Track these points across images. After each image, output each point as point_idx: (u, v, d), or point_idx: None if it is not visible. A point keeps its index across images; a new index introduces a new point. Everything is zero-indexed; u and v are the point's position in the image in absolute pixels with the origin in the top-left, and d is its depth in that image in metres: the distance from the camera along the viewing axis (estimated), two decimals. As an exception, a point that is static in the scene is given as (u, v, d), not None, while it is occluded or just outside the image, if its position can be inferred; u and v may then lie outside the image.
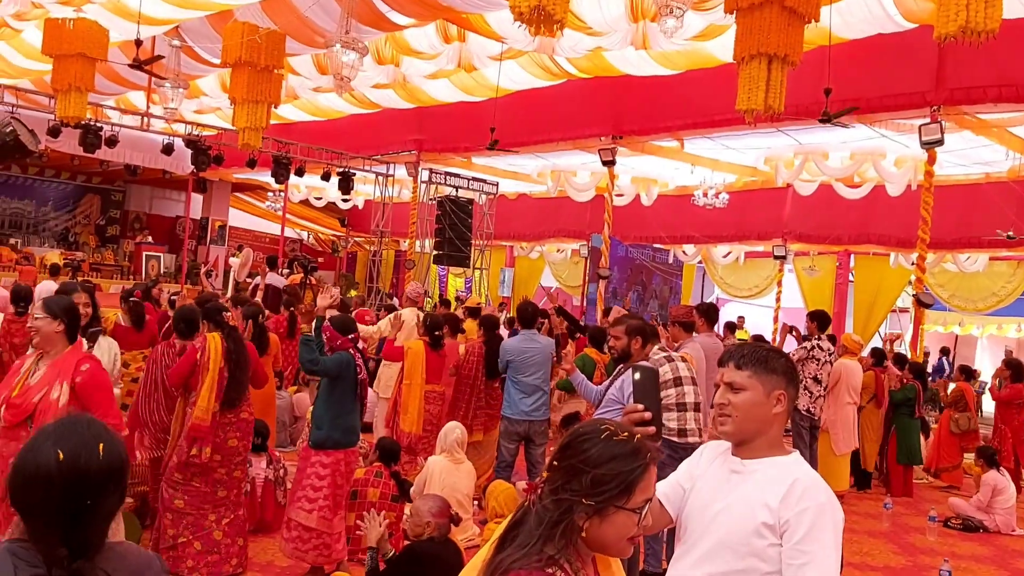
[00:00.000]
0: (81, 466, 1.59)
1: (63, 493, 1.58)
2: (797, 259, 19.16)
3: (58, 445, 1.61)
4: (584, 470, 1.64)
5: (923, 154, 10.71)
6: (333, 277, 23.18)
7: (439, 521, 4.25)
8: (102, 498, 1.62)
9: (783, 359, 2.28)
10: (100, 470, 1.61)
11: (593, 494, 1.63)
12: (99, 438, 1.65)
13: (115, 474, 1.65)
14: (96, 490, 1.61)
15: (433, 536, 4.24)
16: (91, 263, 20.11)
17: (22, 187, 21.52)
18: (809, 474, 2.17)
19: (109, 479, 1.63)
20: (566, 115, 13.64)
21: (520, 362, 6.85)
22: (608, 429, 1.70)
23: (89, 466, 1.60)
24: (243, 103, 10.54)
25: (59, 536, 1.58)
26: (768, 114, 7.47)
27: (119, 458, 1.67)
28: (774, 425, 2.25)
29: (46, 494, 1.58)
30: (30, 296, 7.03)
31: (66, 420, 1.70)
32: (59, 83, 10.66)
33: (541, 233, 20.88)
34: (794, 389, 2.28)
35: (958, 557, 7.27)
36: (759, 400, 2.22)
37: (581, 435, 1.71)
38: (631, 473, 1.66)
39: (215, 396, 5.15)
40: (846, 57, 9.58)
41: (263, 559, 5.70)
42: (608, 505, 1.64)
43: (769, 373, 2.23)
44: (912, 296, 10.88)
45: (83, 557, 1.59)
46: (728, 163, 15.54)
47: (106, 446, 1.64)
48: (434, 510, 4.29)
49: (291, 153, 16.63)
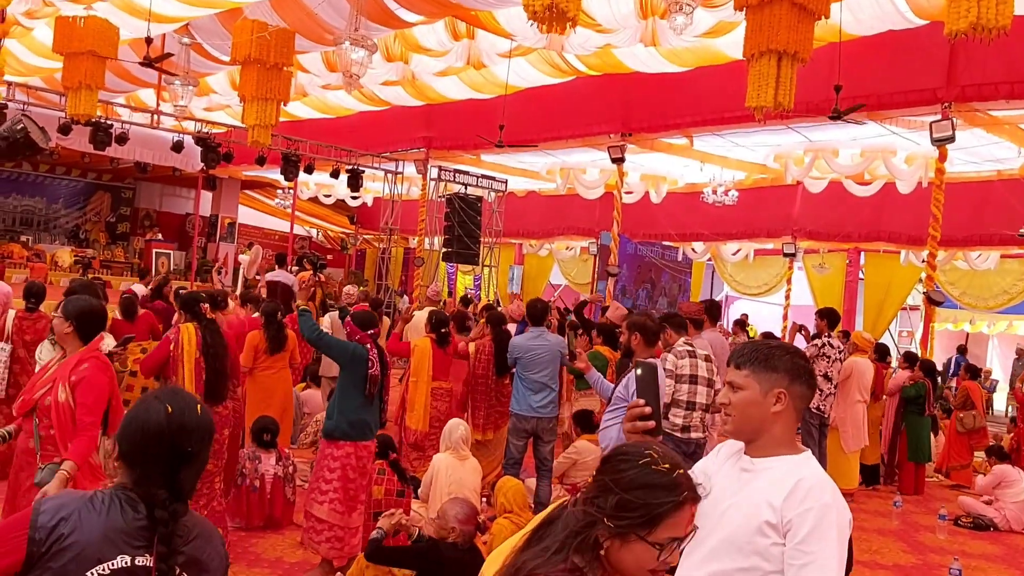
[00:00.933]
0: (186, 419, 1.90)
1: (171, 440, 1.87)
2: (807, 256, 19.10)
3: (166, 402, 1.91)
4: (613, 490, 1.62)
5: (934, 151, 10.66)
6: (342, 274, 23.21)
7: (464, 528, 4.22)
8: (200, 449, 1.92)
9: (789, 356, 2.23)
10: (200, 424, 1.93)
11: (615, 516, 1.61)
12: (196, 400, 1.98)
13: (209, 430, 1.97)
14: (196, 441, 1.91)
15: (457, 542, 4.22)
16: (101, 260, 20.20)
17: (33, 184, 21.61)
18: (815, 473, 2.15)
19: (206, 432, 1.95)
20: (575, 112, 13.63)
21: (528, 359, 6.83)
22: (650, 456, 1.66)
23: (192, 419, 1.91)
24: (252, 100, 10.57)
25: (160, 482, 1.85)
26: (778, 111, 7.46)
27: (210, 418, 1.99)
28: (777, 424, 2.20)
29: (158, 441, 1.86)
30: (42, 293, 7.07)
31: (166, 388, 2.06)
32: (70, 81, 10.71)
33: (550, 230, 20.87)
34: (802, 387, 2.21)
35: (968, 556, 7.24)
36: (755, 399, 2.21)
37: (622, 454, 1.69)
38: (660, 506, 1.62)
39: (196, 388, 5.22)
40: (856, 54, 9.54)
41: (272, 555, 5.72)
42: (629, 532, 1.61)
43: (768, 371, 2.20)
44: (923, 294, 10.83)
45: (179, 500, 1.87)
46: (737, 160, 15.51)
47: (202, 407, 1.97)
48: (460, 516, 4.24)
49: (300, 150, 16.65)
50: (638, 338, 5.19)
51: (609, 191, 16.18)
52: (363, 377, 5.31)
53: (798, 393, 2.21)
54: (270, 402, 7.20)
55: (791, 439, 2.24)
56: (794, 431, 2.26)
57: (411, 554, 4.29)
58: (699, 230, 18.23)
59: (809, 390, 2.24)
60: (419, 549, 4.28)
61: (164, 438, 1.87)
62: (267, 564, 5.54)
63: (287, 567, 5.52)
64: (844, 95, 8.90)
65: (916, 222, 13.48)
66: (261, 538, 6.04)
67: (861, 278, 18.97)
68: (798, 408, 2.22)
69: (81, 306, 3.88)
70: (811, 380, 2.24)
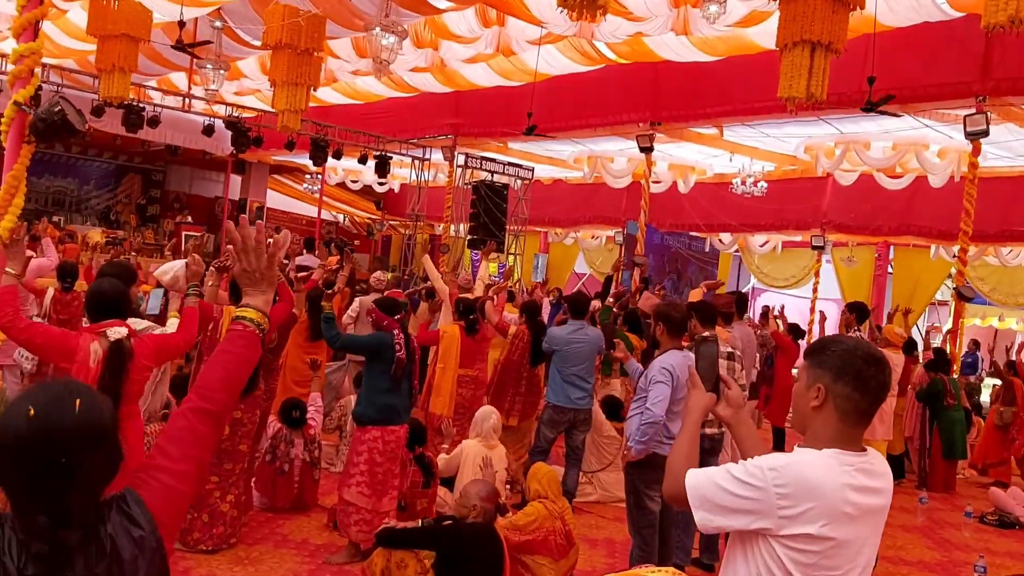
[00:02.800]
0: (53, 421, 1.46)
1: (34, 451, 1.45)
2: (835, 249, 18.94)
3: (30, 402, 1.49)
4: None
5: (967, 145, 10.53)
6: (368, 260, 23.30)
7: (486, 506, 4.28)
8: (80, 458, 1.47)
9: (841, 353, 2.11)
10: (75, 426, 1.47)
11: None
12: (77, 394, 1.51)
13: (95, 432, 1.50)
14: (71, 448, 1.46)
15: (477, 520, 4.28)
16: (131, 242, 20.41)
17: (65, 165, 21.84)
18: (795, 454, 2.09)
19: (86, 437, 1.48)
20: (604, 101, 13.57)
21: (568, 352, 6.83)
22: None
23: (62, 421, 1.47)
24: (283, 85, 10.62)
25: (38, 505, 1.46)
26: (810, 102, 7.39)
27: (100, 416, 1.52)
28: (816, 420, 2.12)
29: (17, 454, 1.45)
30: (76, 272, 7.18)
31: (46, 382, 1.59)
32: (103, 63, 10.81)
33: (576, 219, 20.82)
34: (846, 387, 2.08)
35: (993, 553, 7.19)
36: (800, 391, 2.18)
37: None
38: None
39: None
40: (891, 45, 9.44)
41: (298, 536, 5.78)
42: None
43: (815, 365, 2.14)
44: (952, 289, 10.72)
45: (63, 526, 1.46)
46: (767, 151, 15.39)
47: (84, 402, 1.50)
48: (483, 494, 4.31)
49: (329, 136, 16.72)
50: (662, 328, 5.20)
51: (636, 180, 16.12)
52: (390, 362, 5.36)
53: (841, 392, 2.09)
54: (305, 387, 7.27)
55: (838, 438, 2.11)
56: (843, 432, 2.11)
57: (425, 532, 4.34)
58: (727, 221, 18.11)
59: (856, 392, 2.09)
60: (437, 530, 4.33)
61: (25, 449, 1.45)
62: (293, 545, 5.61)
63: (312, 548, 5.58)
64: (877, 87, 8.81)
65: (947, 216, 13.33)
66: (288, 519, 6.12)
67: (890, 272, 18.80)
68: (841, 408, 2.10)
69: (92, 288, 3.99)
70: (861, 382, 2.08)
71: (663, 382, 4.93)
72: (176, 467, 1.68)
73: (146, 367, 3.89)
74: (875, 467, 2.15)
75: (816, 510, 2.00)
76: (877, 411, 2.18)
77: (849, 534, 2.05)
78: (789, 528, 2.01)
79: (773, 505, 2.00)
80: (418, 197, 18.72)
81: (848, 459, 2.08)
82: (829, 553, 2.03)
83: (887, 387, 2.14)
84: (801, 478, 2.02)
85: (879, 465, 2.17)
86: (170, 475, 1.67)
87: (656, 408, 4.88)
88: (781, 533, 2.02)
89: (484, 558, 4.22)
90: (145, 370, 3.88)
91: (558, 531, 4.81)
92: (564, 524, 4.90)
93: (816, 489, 2.00)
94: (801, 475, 2.02)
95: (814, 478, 2.01)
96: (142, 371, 3.86)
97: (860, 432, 2.16)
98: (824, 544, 2.02)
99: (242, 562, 5.18)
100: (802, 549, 2.02)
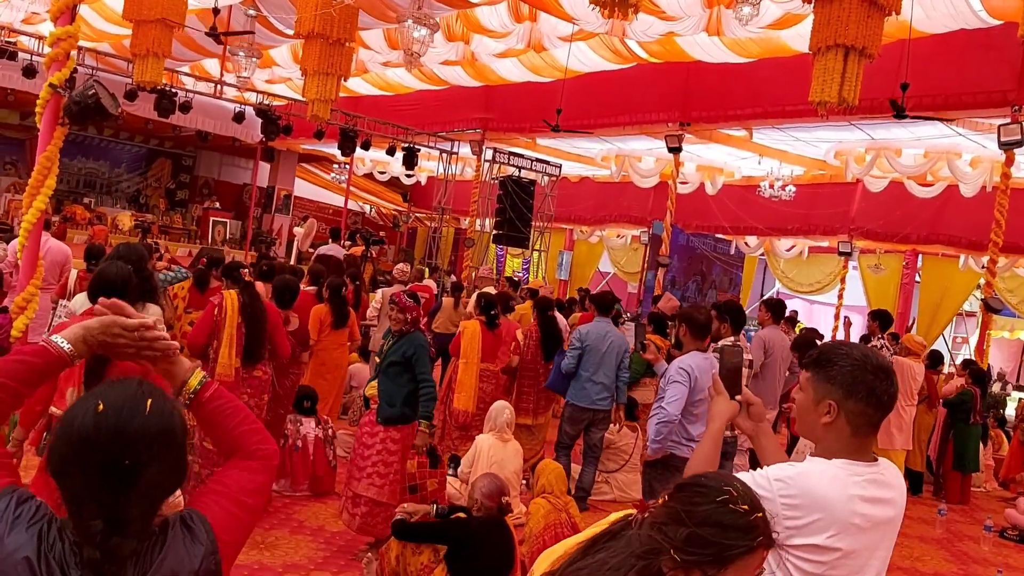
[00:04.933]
0: (122, 420, 1.41)
1: (99, 449, 1.39)
2: (863, 256, 18.77)
3: (101, 397, 1.43)
4: (684, 522, 1.52)
5: (1000, 155, 10.40)
6: (393, 252, 23.39)
7: (487, 504, 4.31)
8: (144, 461, 1.40)
9: (852, 368, 2.06)
10: (143, 427, 1.42)
11: (683, 550, 1.50)
12: (149, 395, 1.46)
13: (164, 436, 1.44)
14: (136, 451, 1.40)
15: (479, 515, 4.31)
16: (160, 226, 20.62)
17: (97, 148, 22.09)
18: (804, 464, 2.07)
19: (154, 440, 1.42)
20: (634, 99, 13.54)
21: (596, 350, 6.84)
22: (729, 493, 1.56)
23: (132, 421, 1.41)
24: (314, 75, 10.68)
25: (95, 508, 1.39)
26: (841, 107, 7.34)
27: (170, 420, 1.46)
28: (828, 435, 2.08)
29: (81, 450, 1.39)
30: (103, 254, 7.25)
31: (121, 378, 1.52)
32: (138, 48, 10.91)
33: (602, 218, 20.79)
34: (859, 403, 2.04)
35: (1012, 569, 7.11)
36: (807, 405, 2.13)
37: (699, 486, 1.59)
38: (731, 548, 1.51)
39: (236, 352, 5.35)
40: (925, 52, 9.33)
41: (314, 523, 5.82)
42: (695, 568, 1.51)
43: (823, 380, 2.09)
44: (980, 300, 10.60)
45: (118, 533, 1.39)
46: (797, 155, 15.29)
47: (156, 404, 1.45)
48: (485, 491, 4.33)
49: (358, 126, 16.79)
50: (685, 329, 5.19)
51: (664, 180, 16.07)
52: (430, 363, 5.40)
53: (853, 409, 2.05)
54: (328, 376, 7.29)
55: (849, 449, 2.08)
56: (854, 443, 2.08)
57: (438, 529, 4.40)
58: (754, 224, 18.01)
59: (869, 408, 2.05)
60: (446, 524, 4.39)
61: (91, 446, 1.39)
62: (309, 532, 5.65)
63: (328, 536, 5.61)
64: (911, 93, 8.72)
65: (977, 226, 13.18)
66: (304, 506, 6.16)
67: (917, 281, 18.61)
68: (854, 424, 2.06)
69: (97, 270, 4.01)
70: (873, 398, 2.04)
71: (680, 382, 4.92)
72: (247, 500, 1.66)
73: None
74: (886, 478, 2.12)
75: (823, 521, 1.98)
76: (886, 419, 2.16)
77: (858, 544, 2.03)
78: (796, 538, 2.00)
79: (779, 515, 1.97)
80: (445, 190, 18.76)
81: (858, 469, 2.07)
82: (837, 564, 2.02)
83: (896, 397, 2.11)
84: (808, 489, 2.00)
85: (890, 476, 2.15)
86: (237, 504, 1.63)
87: (671, 407, 4.87)
88: (788, 543, 2.01)
89: (493, 551, 4.27)
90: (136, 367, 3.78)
91: (563, 523, 4.90)
92: (569, 516, 4.97)
93: (823, 499, 1.99)
94: (809, 486, 2.01)
95: (822, 489, 1.99)
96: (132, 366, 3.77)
97: (871, 442, 2.15)
98: (832, 555, 2.01)
99: (258, 547, 5.22)
100: (810, 559, 2.01)
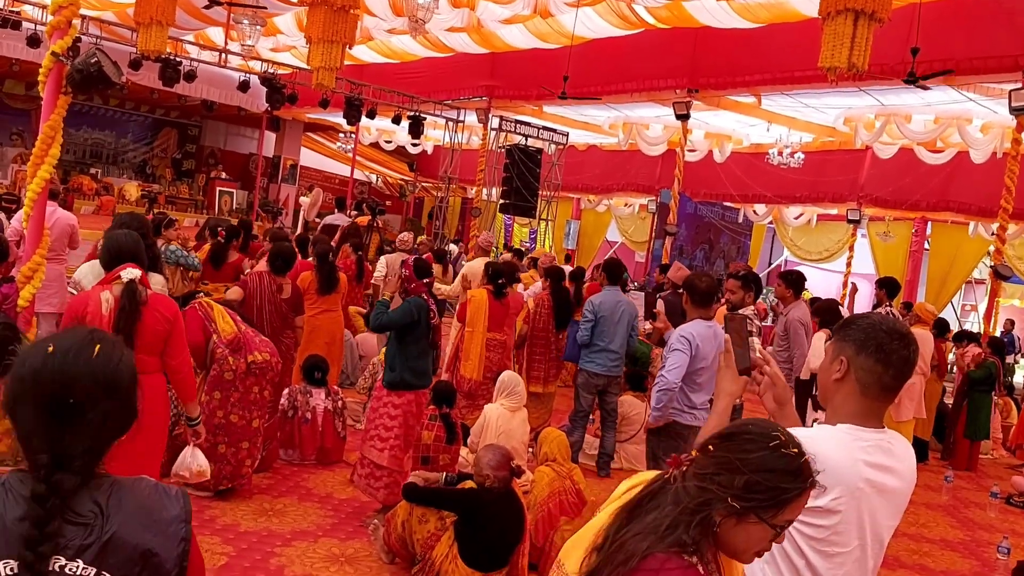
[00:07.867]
0: (68, 361, 1.48)
1: (45, 388, 1.46)
2: (871, 224, 18.68)
3: (54, 341, 1.52)
4: (740, 470, 1.57)
5: (1011, 120, 10.29)
6: (400, 221, 23.35)
7: (498, 474, 4.33)
8: (87, 401, 1.47)
9: (867, 327, 2.11)
10: (89, 371, 1.48)
11: (741, 497, 1.56)
12: (99, 342, 1.53)
13: (108, 381, 1.50)
14: (81, 391, 1.47)
15: (493, 487, 4.33)
16: (167, 196, 20.61)
17: (103, 118, 22.02)
18: (810, 431, 2.09)
19: (98, 383, 1.49)
20: (641, 66, 13.41)
21: (609, 319, 6.91)
22: (778, 439, 1.61)
23: (77, 362, 1.48)
24: (318, 43, 10.59)
25: (41, 443, 1.46)
26: (851, 73, 7.26)
27: (116, 367, 1.52)
28: (838, 394, 2.13)
29: (30, 388, 1.46)
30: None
31: (75, 327, 1.62)
32: (141, 16, 10.86)
33: (610, 186, 20.69)
34: (868, 360, 2.08)
35: (1017, 535, 7.13)
36: (825, 364, 2.18)
37: (748, 433, 1.63)
38: (786, 492, 1.58)
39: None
40: (936, 16, 9.22)
41: (322, 491, 5.86)
42: (751, 513, 1.57)
43: (840, 339, 2.15)
44: (990, 267, 10.54)
45: (61, 469, 1.44)
46: (806, 122, 15.17)
47: (104, 350, 1.52)
48: (493, 463, 4.35)
49: (363, 95, 16.69)
50: (687, 297, 5.19)
51: (671, 148, 15.97)
52: (427, 327, 5.41)
53: (863, 365, 2.09)
54: (316, 341, 7.30)
55: (858, 412, 2.11)
56: (864, 405, 2.11)
57: (450, 497, 4.45)
58: (762, 192, 17.90)
59: (879, 365, 2.08)
60: (457, 493, 4.43)
61: (38, 384, 1.46)
62: (317, 499, 5.69)
63: (336, 503, 5.65)
64: (921, 58, 8.62)
65: (987, 193, 13.10)
66: (312, 473, 6.20)
67: (926, 248, 18.53)
68: (862, 382, 2.09)
69: (107, 237, 4.06)
70: (883, 355, 2.07)
71: (680, 350, 4.93)
72: None
73: (164, 318, 3.82)
74: (894, 449, 2.13)
75: (828, 482, 1.97)
76: (902, 388, 2.15)
77: (862, 510, 2.04)
78: None
79: None
80: (451, 159, 18.68)
81: (864, 434, 2.08)
82: (840, 529, 2.03)
83: (911, 363, 2.11)
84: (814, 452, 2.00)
85: (899, 448, 2.15)
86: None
87: (671, 375, 4.89)
88: None
89: (503, 521, 4.31)
90: (163, 322, 3.81)
91: (568, 490, 4.95)
92: (574, 483, 5.02)
93: (827, 460, 1.96)
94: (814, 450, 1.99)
95: (827, 453, 1.98)
96: (159, 322, 3.80)
97: (882, 407, 2.14)
98: (835, 518, 2.01)
99: (266, 513, 5.27)
100: (813, 523, 2.02)
